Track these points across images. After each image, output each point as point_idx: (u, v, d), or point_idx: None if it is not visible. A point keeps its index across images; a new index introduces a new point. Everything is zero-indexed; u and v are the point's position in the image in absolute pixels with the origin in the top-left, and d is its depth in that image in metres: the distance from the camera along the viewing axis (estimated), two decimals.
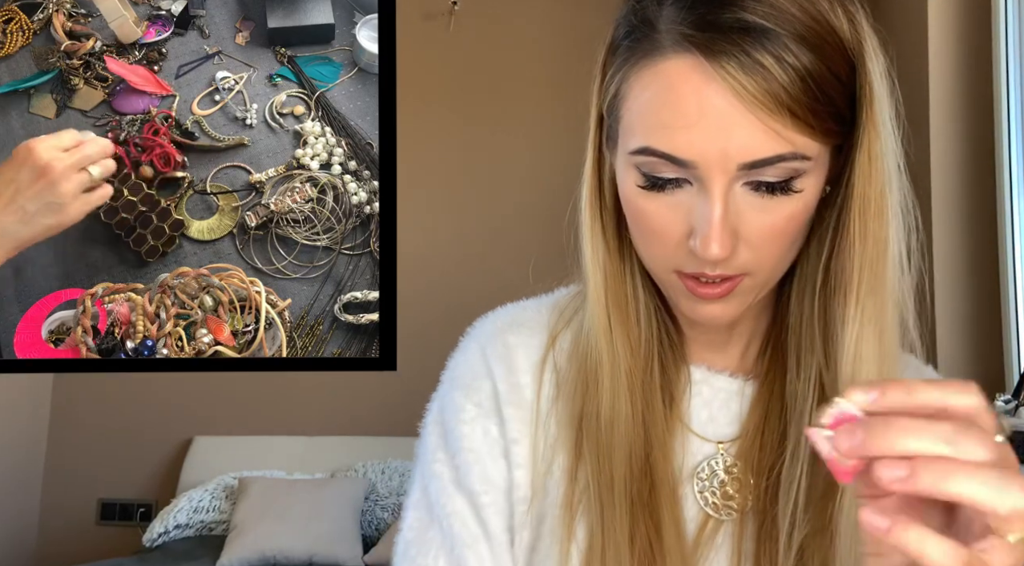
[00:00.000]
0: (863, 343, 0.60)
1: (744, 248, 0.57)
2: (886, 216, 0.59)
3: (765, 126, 0.54)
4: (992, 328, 2.09)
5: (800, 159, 0.55)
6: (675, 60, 0.55)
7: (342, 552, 3.01)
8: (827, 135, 0.56)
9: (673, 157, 0.56)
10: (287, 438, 3.63)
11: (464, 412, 0.68)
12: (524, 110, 3.69)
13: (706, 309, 0.61)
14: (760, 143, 0.54)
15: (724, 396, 0.67)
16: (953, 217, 2.15)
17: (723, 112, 0.54)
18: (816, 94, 0.54)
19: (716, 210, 0.55)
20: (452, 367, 0.71)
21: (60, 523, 3.64)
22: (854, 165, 0.59)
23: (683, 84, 0.55)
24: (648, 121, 0.56)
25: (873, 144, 0.58)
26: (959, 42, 2.18)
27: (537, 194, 3.45)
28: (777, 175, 0.56)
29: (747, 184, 0.56)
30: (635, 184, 0.58)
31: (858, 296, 0.60)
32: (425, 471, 0.69)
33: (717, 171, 0.55)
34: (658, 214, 0.58)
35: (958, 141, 2.16)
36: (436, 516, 0.67)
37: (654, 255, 0.61)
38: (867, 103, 0.58)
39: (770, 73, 0.53)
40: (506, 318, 0.71)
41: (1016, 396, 1.85)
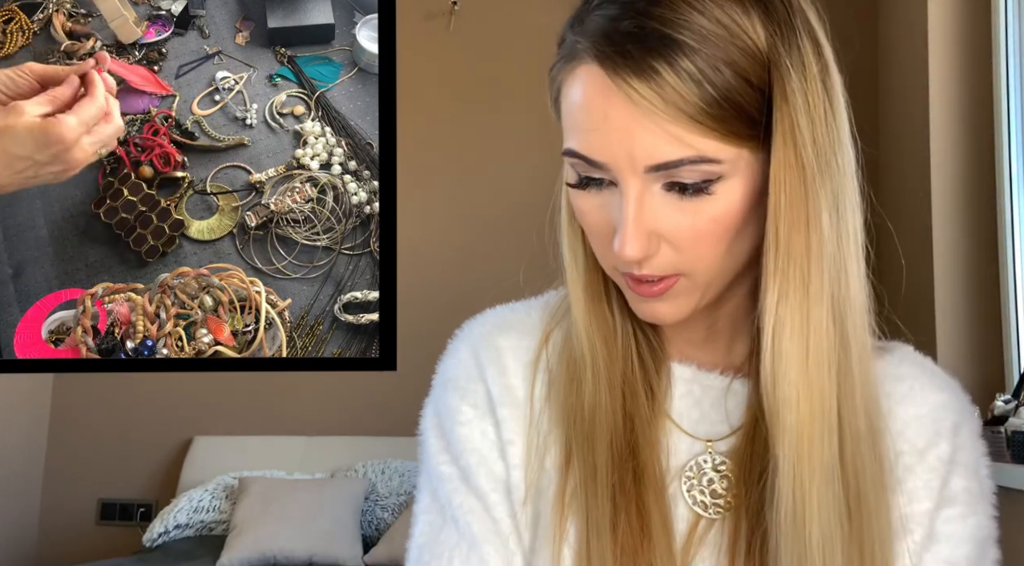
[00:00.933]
0: (790, 342, 0.58)
1: (668, 249, 0.58)
2: (799, 218, 0.58)
3: (664, 131, 0.55)
4: (992, 328, 2.09)
5: (707, 162, 0.56)
6: (585, 66, 0.58)
7: (342, 552, 3.01)
8: (740, 138, 0.56)
9: (588, 158, 0.58)
10: (287, 438, 3.63)
11: (461, 414, 0.68)
12: (524, 110, 3.68)
13: (650, 308, 0.61)
14: (664, 148, 0.55)
15: (715, 394, 0.67)
16: (953, 217, 2.15)
17: (625, 118, 0.56)
18: (716, 99, 0.55)
19: (629, 210, 0.57)
20: (443, 370, 0.72)
21: (60, 523, 3.64)
22: (769, 170, 0.58)
23: (591, 89, 0.57)
24: (569, 123, 0.60)
25: (786, 145, 0.57)
26: (959, 42, 2.18)
27: (537, 194, 3.44)
28: (692, 177, 0.56)
29: (665, 185, 0.57)
30: (572, 183, 0.61)
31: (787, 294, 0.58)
32: (432, 475, 0.69)
33: (627, 173, 0.57)
34: (591, 213, 0.60)
35: (958, 141, 2.16)
36: (449, 517, 0.67)
37: (599, 253, 0.63)
38: (779, 104, 0.57)
39: (664, 80, 0.54)
40: (495, 320, 0.72)
41: (1016, 396, 1.85)
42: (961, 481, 0.66)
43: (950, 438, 0.67)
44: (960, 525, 0.65)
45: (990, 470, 0.69)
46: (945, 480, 0.66)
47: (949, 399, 0.69)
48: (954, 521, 0.65)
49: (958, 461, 0.67)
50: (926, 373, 0.70)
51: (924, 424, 0.67)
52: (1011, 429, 1.76)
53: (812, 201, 0.58)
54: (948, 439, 0.67)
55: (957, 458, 0.67)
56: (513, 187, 3.66)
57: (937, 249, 2.12)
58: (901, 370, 0.69)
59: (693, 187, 0.57)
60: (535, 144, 3.69)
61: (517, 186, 3.65)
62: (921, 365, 0.71)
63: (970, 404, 0.71)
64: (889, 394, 0.66)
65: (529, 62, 3.83)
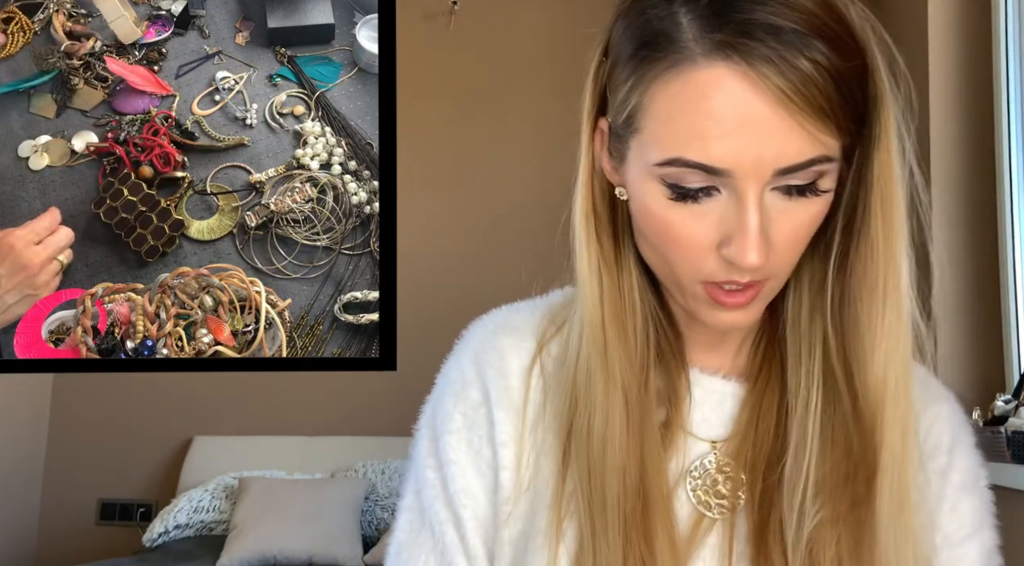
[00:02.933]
0: (890, 341, 0.61)
1: (772, 253, 0.57)
2: (901, 214, 0.60)
3: (802, 129, 0.53)
4: (992, 328, 2.09)
5: (827, 161, 0.55)
6: (708, 69, 0.54)
7: (342, 552, 3.01)
8: (847, 135, 0.56)
9: (707, 167, 0.55)
10: (287, 438, 3.63)
11: (452, 421, 0.69)
12: (524, 110, 3.69)
13: (728, 316, 0.61)
14: (796, 147, 0.54)
15: (717, 397, 0.67)
16: (953, 217, 2.15)
17: (762, 118, 0.53)
18: (844, 93, 0.54)
19: (753, 219, 0.55)
20: (446, 371, 0.72)
21: (60, 523, 3.64)
22: (872, 164, 0.59)
23: (718, 93, 0.54)
24: (678, 132, 0.55)
25: (891, 142, 0.59)
26: (959, 41, 2.18)
27: (537, 194, 3.45)
28: (805, 178, 0.56)
29: (776, 189, 0.56)
30: (662, 196, 0.57)
31: (885, 293, 0.60)
32: (418, 476, 0.70)
33: (752, 179, 0.55)
34: (685, 225, 0.57)
35: (958, 141, 2.16)
36: (428, 521, 0.68)
37: (679, 267, 0.59)
38: (882, 101, 0.58)
39: (806, 75, 0.53)
40: (499, 320, 0.72)
41: (1016, 396, 1.85)
42: (969, 501, 0.68)
43: (947, 452, 0.69)
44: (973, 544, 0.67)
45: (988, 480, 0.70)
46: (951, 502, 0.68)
47: (945, 410, 0.70)
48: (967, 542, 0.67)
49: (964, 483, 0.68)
50: (927, 384, 0.71)
51: (928, 434, 0.68)
52: (1011, 429, 1.76)
53: (901, 198, 0.60)
54: (945, 453, 0.69)
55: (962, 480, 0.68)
56: (513, 187, 3.66)
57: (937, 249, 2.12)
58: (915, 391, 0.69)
59: (801, 189, 0.56)
60: (535, 144, 3.70)
61: (517, 186, 3.66)
62: (922, 376, 0.71)
63: (964, 414, 0.72)
64: None
65: (529, 62, 3.83)
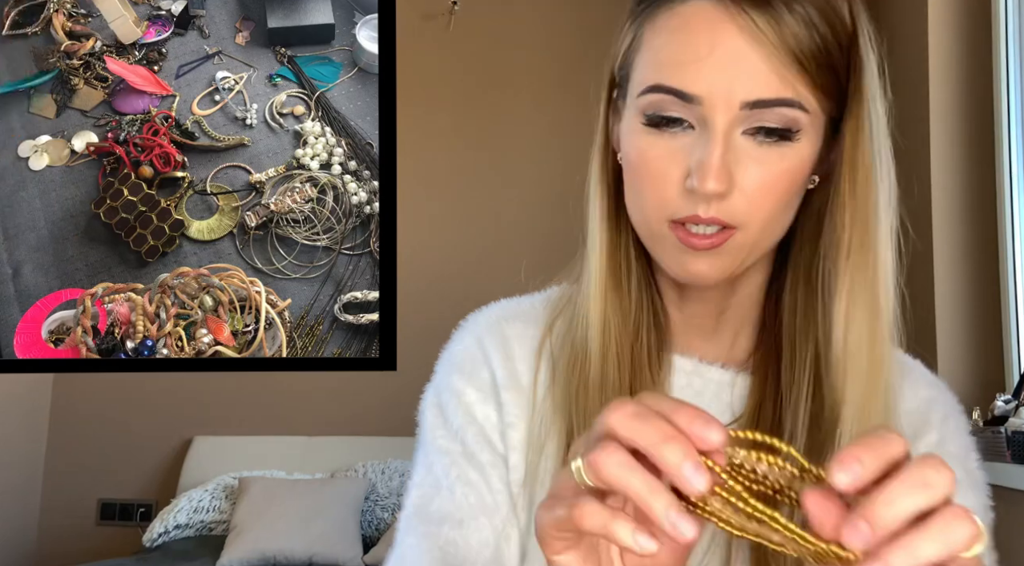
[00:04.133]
0: (854, 309, 0.61)
1: (739, 195, 0.58)
2: (873, 182, 0.61)
3: (775, 70, 0.56)
4: (992, 328, 2.09)
5: (799, 108, 0.57)
6: (693, 3, 0.58)
7: (342, 552, 3.01)
8: (825, 95, 0.58)
9: (680, 92, 0.57)
10: (287, 438, 3.63)
11: (465, 395, 0.69)
12: (524, 110, 3.69)
13: (695, 264, 0.61)
14: (766, 83, 0.56)
15: (715, 387, 0.68)
16: (953, 216, 2.15)
17: (734, 49, 0.56)
18: (821, 48, 0.57)
19: (717, 148, 0.57)
20: (448, 356, 0.72)
21: (60, 523, 3.64)
22: (844, 132, 0.61)
23: (699, 22, 0.57)
24: (660, 60, 0.59)
25: (862, 112, 0.60)
26: (959, 41, 2.18)
27: (537, 194, 3.46)
28: (777, 121, 0.58)
29: (747, 132, 0.58)
30: (640, 126, 0.60)
31: (849, 254, 0.61)
32: (429, 451, 0.70)
33: (721, 108, 0.57)
34: (658, 158, 0.60)
35: (958, 140, 2.16)
36: (444, 488, 0.67)
37: (649, 204, 0.62)
38: (857, 74, 0.60)
39: (783, 19, 0.56)
40: (501, 311, 0.73)
41: (1016, 396, 1.85)
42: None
43: (938, 427, 0.69)
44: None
45: (980, 463, 0.70)
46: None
47: (938, 394, 0.71)
48: None
49: (946, 452, 0.68)
50: (916, 371, 0.72)
51: (914, 417, 0.69)
52: (1011, 429, 1.76)
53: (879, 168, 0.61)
54: (936, 428, 0.69)
55: (945, 449, 0.68)
56: (513, 186, 3.66)
57: (937, 248, 2.12)
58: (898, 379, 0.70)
59: (775, 133, 0.58)
60: (535, 143, 3.70)
61: (517, 185, 3.66)
62: (911, 364, 0.72)
63: (957, 402, 0.73)
64: None
65: (528, 62, 3.83)
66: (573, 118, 2.96)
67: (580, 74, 2.75)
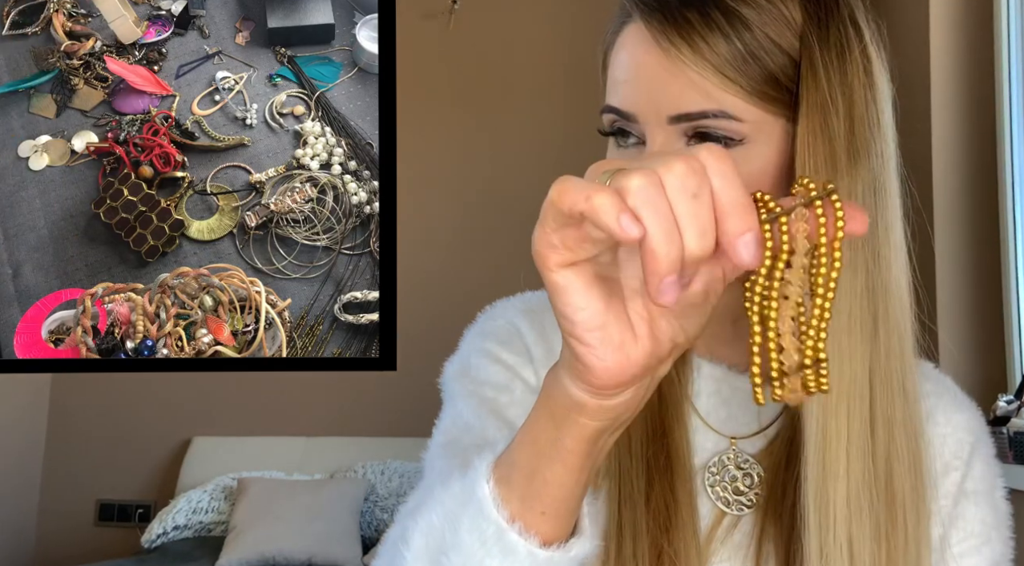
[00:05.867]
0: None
1: None
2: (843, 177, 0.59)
3: (690, 82, 0.57)
4: (994, 328, 2.09)
5: (730, 118, 0.57)
6: (631, 25, 0.62)
7: (341, 553, 3.01)
8: (765, 101, 0.58)
9: (618, 110, 0.61)
10: (287, 438, 3.63)
11: (502, 357, 0.68)
12: (524, 109, 3.69)
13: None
14: (688, 99, 0.58)
15: (743, 396, 0.67)
16: (955, 216, 2.14)
17: (653, 68, 0.59)
18: (744, 54, 0.57)
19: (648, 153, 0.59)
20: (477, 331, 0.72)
21: (58, 524, 3.63)
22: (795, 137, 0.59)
23: (632, 44, 0.61)
24: (609, 80, 0.63)
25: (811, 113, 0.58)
26: (961, 41, 2.18)
27: (537, 193, 3.45)
28: (715, 131, 0.58)
29: (691, 141, 0.59)
30: (609, 145, 0.64)
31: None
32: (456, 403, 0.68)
33: (653, 124, 0.59)
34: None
35: (960, 141, 2.16)
36: (475, 428, 0.65)
37: None
38: (808, 74, 0.58)
39: (695, 30, 0.57)
40: (522, 303, 0.73)
41: (1018, 396, 1.85)
42: (977, 511, 0.67)
43: (966, 465, 0.68)
44: (975, 558, 0.66)
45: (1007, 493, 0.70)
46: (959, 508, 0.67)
47: (969, 420, 0.70)
48: (969, 554, 0.66)
49: (976, 491, 0.68)
50: (948, 392, 0.71)
51: (944, 445, 0.68)
52: (1013, 430, 1.76)
53: (842, 177, 0.58)
54: (964, 466, 0.68)
55: (974, 487, 0.68)
56: (513, 186, 3.66)
57: (939, 249, 2.12)
58: (924, 388, 0.69)
59: (720, 141, 0.58)
60: (535, 143, 3.70)
61: (517, 185, 3.65)
62: (943, 383, 0.71)
63: (986, 425, 0.72)
64: None
65: (528, 61, 3.84)
66: (573, 116, 2.96)
67: (579, 73, 2.76)
